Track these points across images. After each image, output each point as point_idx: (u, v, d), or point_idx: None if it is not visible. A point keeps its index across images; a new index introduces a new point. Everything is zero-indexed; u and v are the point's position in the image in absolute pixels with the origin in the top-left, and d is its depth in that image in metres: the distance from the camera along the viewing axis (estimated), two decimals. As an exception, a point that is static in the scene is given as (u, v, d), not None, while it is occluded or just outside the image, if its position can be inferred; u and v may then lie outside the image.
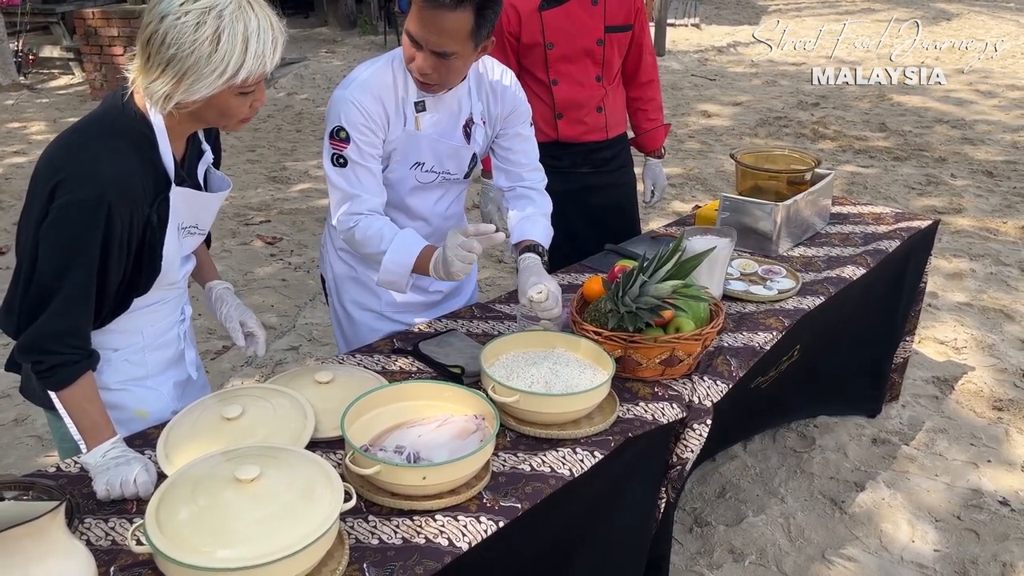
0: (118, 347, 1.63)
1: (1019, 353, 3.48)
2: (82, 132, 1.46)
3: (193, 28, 1.32)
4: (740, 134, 6.94)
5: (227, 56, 1.34)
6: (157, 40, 1.34)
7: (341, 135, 1.85)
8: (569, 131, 2.68)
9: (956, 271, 4.28)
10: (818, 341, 2.46)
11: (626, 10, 2.62)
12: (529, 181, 2.14)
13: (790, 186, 2.59)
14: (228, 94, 1.40)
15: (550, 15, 2.55)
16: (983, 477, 2.71)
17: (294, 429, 1.55)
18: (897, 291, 2.78)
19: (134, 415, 1.66)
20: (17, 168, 6.26)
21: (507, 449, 1.60)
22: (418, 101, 1.91)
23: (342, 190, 1.89)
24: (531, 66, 2.62)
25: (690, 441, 1.82)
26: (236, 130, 1.56)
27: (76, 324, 1.45)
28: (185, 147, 1.57)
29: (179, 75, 1.35)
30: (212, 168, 1.66)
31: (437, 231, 2.13)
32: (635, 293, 1.75)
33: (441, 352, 1.91)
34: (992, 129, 6.98)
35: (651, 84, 2.81)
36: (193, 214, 1.60)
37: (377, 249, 1.86)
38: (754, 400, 2.34)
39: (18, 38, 9.31)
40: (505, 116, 2.04)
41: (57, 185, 1.39)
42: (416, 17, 1.73)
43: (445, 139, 1.97)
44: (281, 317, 3.89)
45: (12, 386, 3.33)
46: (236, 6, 1.35)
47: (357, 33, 12.05)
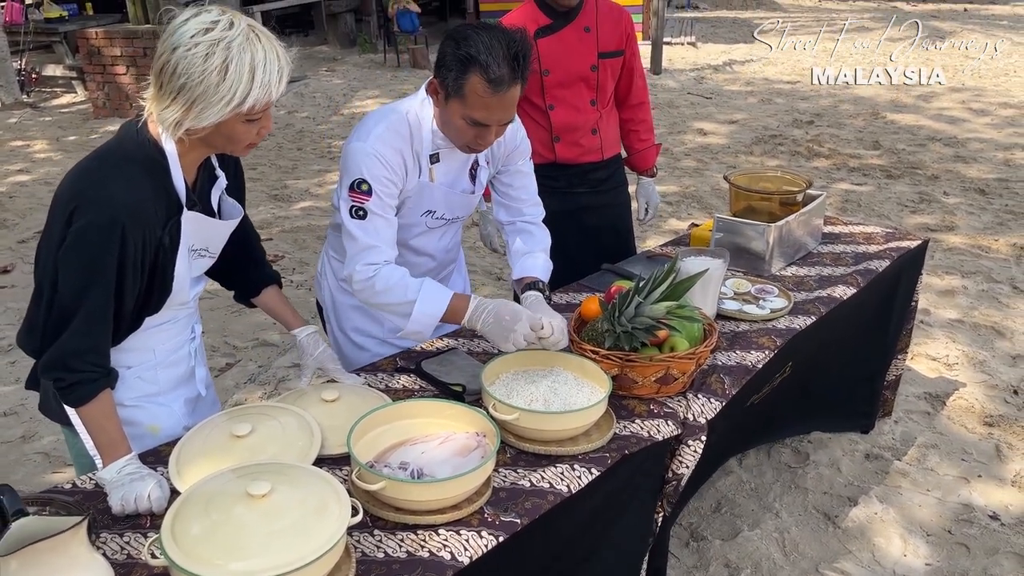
0: (131, 364, 1.69)
1: (1010, 369, 3.54)
2: (99, 159, 1.52)
3: (203, 59, 1.39)
4: (736, 152, 7.02)
5: (234, 85, 1.41)
6: (169, 70, 1.41)
7: (363, 187, 1.84)
8: (566, 153, 2.76)
9: (948, 288, 4.34)
10: (811, 358, 2.52)
11: (618, 36, 2.71)
12: (529, 216, 2.20)
13: (783, 207, 2.66)
14: (235, 121, 1.47)
15: (545, 43, 2.64)
16: (974, 492, 2.76)
17: (302, 446, 1.60)
18: (889, 309, 2.84)
19: (147, 431, 1.72)
20: (20, 186, 6.33)
21: (507, 465, 1.65)
22: (433, 153, 1.94)
23: (361, 241, 1.87)
24: (528, 92, 2.69)
25: (685, 457, 1.88)
26: (243, 155, 1.63)
27: (95, 343, 1.51)
28: (197, 173, 1.63)
29: (189, 103, 1.42)
30: (226, 195, 1.72)
31: (440, 264, 2.21)
32: (631, 314, 1.81)
33: (443, 371, 1.97)
34: (984, 147, 7.07)
35: (642, 106, 2.90)
36: (203, 238, 1.66)
37: (403, 299, 1.85)
38: (748, 417, 2.39)
39: (21, 57, 9.41)
40: (507, 154, 2.10)
41: (74, 210, 1.45)
42: (479, 105, 1.75)
43: (456, 188, 2.03)
44: (283, 334, 3.94)
45: (20, 403, 3.38)
46: (244, 38, 1.42)
47: (357, 52, 12.17)
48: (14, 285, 4.57)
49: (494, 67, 1.70)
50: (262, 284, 1.93)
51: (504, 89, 1.73)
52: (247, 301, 1.96)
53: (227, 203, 1.73)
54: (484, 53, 1.70)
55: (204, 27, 1.40)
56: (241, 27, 1.42)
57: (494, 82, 1.72)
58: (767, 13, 16.67)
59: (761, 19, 14.08)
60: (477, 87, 1.73)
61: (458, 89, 1.75)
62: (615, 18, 2.72)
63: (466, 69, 1.72)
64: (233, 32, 1.41)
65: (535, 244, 2.17)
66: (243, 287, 1.94)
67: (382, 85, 10.08)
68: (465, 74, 1.73)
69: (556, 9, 2.64)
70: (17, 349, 3.82)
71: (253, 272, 1.92)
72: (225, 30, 1.40)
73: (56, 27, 9.77)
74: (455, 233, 2.22)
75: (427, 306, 1.84)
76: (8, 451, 3.07)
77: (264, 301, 1.94)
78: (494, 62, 1.70)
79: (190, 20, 1.42)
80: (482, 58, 1.70)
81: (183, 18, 1.43)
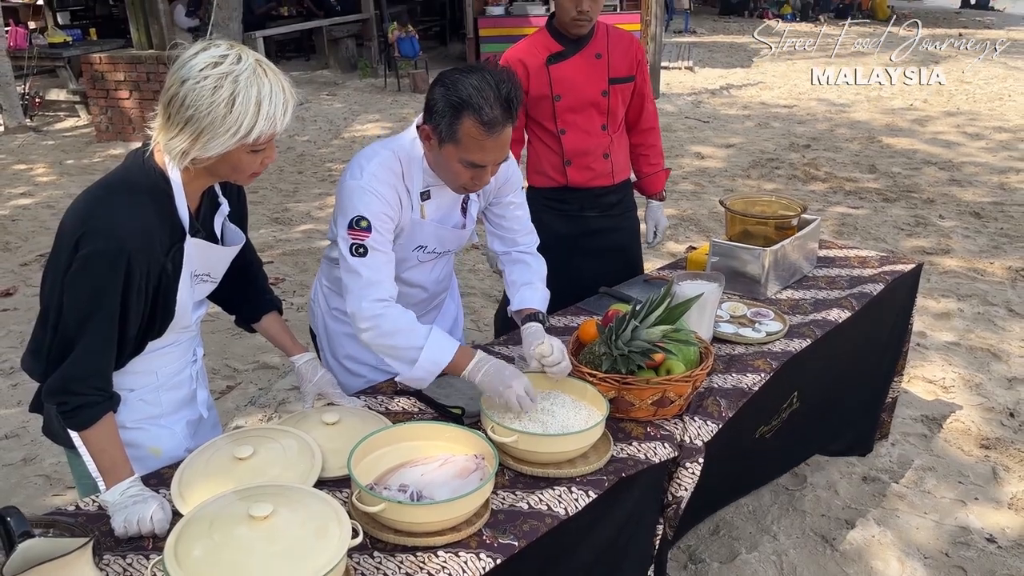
0: (134, 387, 1.72)
1: (1006, 392, 3.56)
2: (106, 188, 1.56)
3: (211, 92, 1.43)
4: (733, 175, 7.08)
5: (241, 117, 1.45)
6: (177, 101, 1.46)
7: (362, 224, 1.84)
8: (577, 177, 2.81)
9: (944, 311, 4.37)
10: (815, 386, 2.55)
11: (628, 62, 2.76)
12: (523, 245, 2.22)
13: (778, 231, 2.69)
14: (241, 151, 1.51)
15: (557, 69, 2.69)
16: (971, 514, 2.78)
17: (303, 468, 1.62)
18: (887, 332, 2.87)
19: (149, 452, 1.74)
20: (23, 210, 6.37)
21: (506, 487, 1.67)
22: (423, 191, 1.97)
23: (365, 277, 1.85)
24: (539, 117, 2.76)
25: (683, 479, 1.90)
26: (246, 183, 1.67)
27: (99, 367, 1.53)
28: (200, 200, 1.67)
29: (196, 133, 1.46)
30: (228, 222, 1.75)
31: (431, 296, 2.23)
32: (627, 337, 1.84)
33: (442, 393, 1.99)
34: (979, 171, 7.13)
35: (652, 131, 2.95)
36: (206, 263, 1.69)
37: (411, 344, 1.82)
38: (760, 450, 2.41)
39: (25, 81, 9.49)
40: (498, 187, 2.12)
41: (81, 237, 1.49)
42: (475, 147, 1.77)
43: (447, 223, 2.05)
44: (283, 357, 3.95)
45: (21, 426, 3.40)
46: (251, 72, 1.46)
47: (358, 76, 12.28)
48: (16, 308, 4.59)
49: (487, 109, 1.73)
50: (263, 310, 1.96)
51: (498, 130, 1.76)
52: (248, 326, 1.99)
53: (229, 229, 1.76)
54: (476, 96, 1.72)
55: (213, 61, 1.45)
56: (248, 61, 1.46)
57: (488, 124, 1.74)
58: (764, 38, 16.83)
59: (757, 44, 14.22)
60: (472, 130, 1.75)
61: (452, 134, 1.77)
62: (626, 45, 2.77)
63: (459, 114, 1.74)
64: (241, 66, 1.45)
65: (532, 275, 2.18)
66: (244, 312, 1.97)
67: (383, 109, 10.17)
68: (458, 119, 1.75)
69: (568, 36, 2.70)
70: (19, 372, 3.85)
71: (255, 298, 1.95)
72: (233, 64, 1.45)
73: (60, 52, 9.88)
74: (447, 263, 2.25)
75: (434, 354, 1.82)
76: (9, 474, 3.08)
77: (264, 327, 1.97)
78: (486, 104, 1.72)
79: (199, 54, 1.46)
80: (475, 101, 1.72)
81: (192, 51, 1.47)
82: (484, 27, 12.96)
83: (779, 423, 2.41)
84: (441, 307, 2.36)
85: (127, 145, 8.39)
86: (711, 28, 18.38)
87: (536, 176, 2.90)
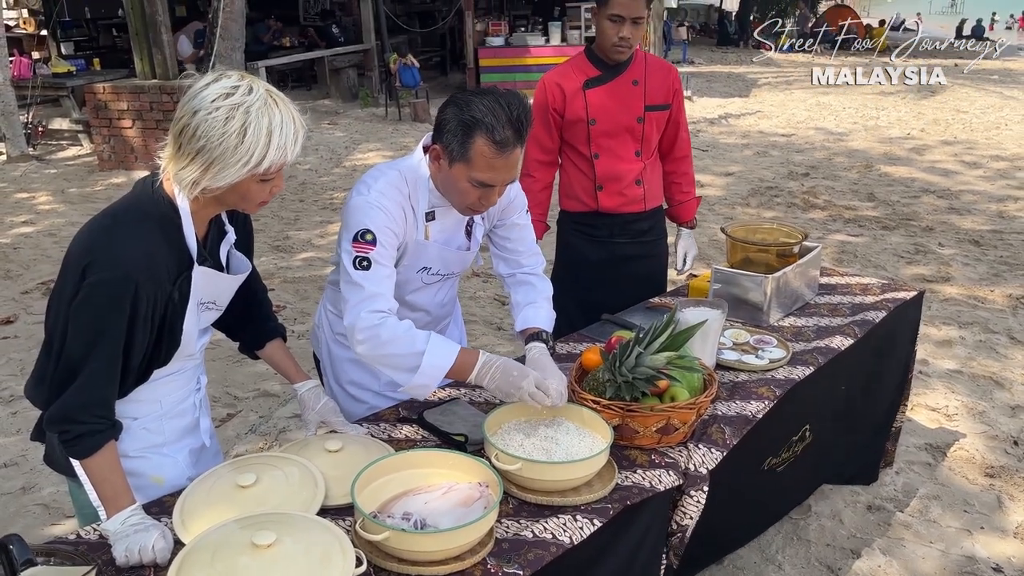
0: (137, 416, 1.71)
1: (1010, 420, 3.54)
2: (113, 216, 1.56)
3: (222, 122, 1.44)
4: (733, 204, 7.11)
5: (252, 148, 1.46)
6: (188, 132, 1.46)
7: (367, 238, 1.85)
8: (609, 202, 2.83)
9: (945, 339, 4.37)
10: (825, 416, 2.54)
11: (665, 90, 2.79)
12: (528, 267, 2.23)
13: (779, 258, 2.70)
14: (250, 181, 1.52)
15: (593, 93, 2.72)
16: (976, 543, 2.75)
17: (306, 496, 1.61)
18: (893, 361, 2.86)
19: (151, 481, 1.73)
20: (25, 238, 6.39)
21: (510, 516, 1.66)
22: (428, 212, 1.98)
23: (366, 289, 1.84)
24: (574, 140, 2.79)
25: (688, 508, 1.88)
26: (254, 212, 1.68)
27: (102, 396, 1.53)
28: (208, 228, 1.67)
29: (207, 164, 1.47)
30: (234, 250, 1.76)
31: (435, 320, 2.23)
32: (631, 364, 1.84)
33: (445, 421, 1.98)
34: (978, 199, 7.17)
35: (685, 159, 2.98)
36: (212, 291, 1.69)
37: (411, 350, 1.80)
38: (770, 483, 2.39)
39: (28, 110, 9.56)
40: (502, 210, 2.14)
41: (88, 265, 1.49)
42: (485, 167, 1.80)
43: (451, 245, 2.07)
44: (284, 385, 3.95)
45: (20, 454, 3.37)
46: (262, 103, 1.47)
47: (359, 105, 12.38)
48: (17, 336, 4.58)
49: (499, 129, 1.76)
50: (267, 337, 1.96)
51: (509, 150, 1.79)
52: (251, 353, 1.99)
53: (235, 257, 1.77)
54: (488, 116, 1.76)
55: (225, 92, 1.45)
56: (259, 92, 1.47)
57: (499, 144, 1.77)
58: (761, 68, 17.01)
59: (756, 74, 14.36)
60: (483, 150, 1.78)
61: (463, 153, 1.80)
62: (663, 73, 2.80)
63: (471, 133, 1.78)
64: (252, 97, 1.46)
65: (536, 295, 2.19)
66: (248, 339, 1.97)
67: (383, 138, 10.24)
68: (470, 138, 1.78)
69: (606, 62, 2.73)
70: (19, 400, 3.83)
71: (259, 325, 1.95)
72: (245, 95, 1.46)
73: (64, 82, 9.96)
74: (450, 287, 2.25)
75: (436, 358, 1.79)
76: (8, 503, 3.05)
77: (268, 354, 1.97)
78: (498, 124, 1.76)
79: (211, 85, 1.47)
80: (487, 121, 1.76)
81: (204, 83, 1.48)
82: (484, 57, 13.11)
83: (791, 456, 2.40)
84: (445, 333, 2.36)
85: (129, 174, 8.43)
86: (708, 58, 18.58)
87: (568, 200, 2.92)
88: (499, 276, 2.29)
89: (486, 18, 14.18)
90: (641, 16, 2.60)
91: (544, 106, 2.76)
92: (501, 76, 12.62)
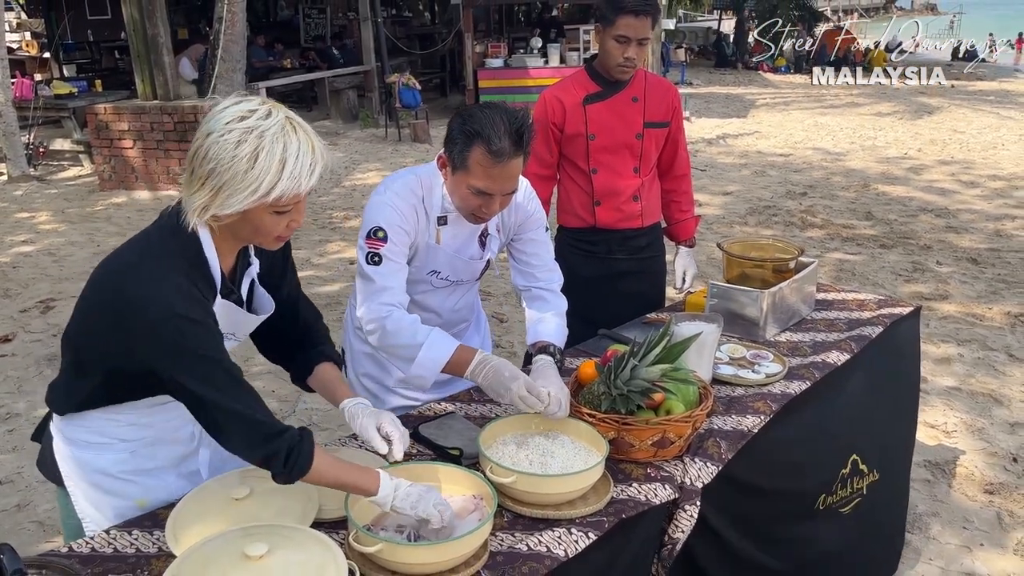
0: (127, 438, 1.66)
1: (1009, 437, 3.54)
2: (139, 254, 1.50)
3: (234, 145, 1.39)
4: (731, 223, 7.13)
5: (262, 174, 1.39)
6: (201, 154, 1.42)
7: (379, 235, 1.97)
8: (606, 218, 2.84)
9: (944, 356, 4.36)
10: (875, 448, 2.48)
11: (664, 108, 2.81)
12: (544, 282, 2.27)
13: (776, 274, 2.70)
14: (262, 211, 1.45)
15: (593, 109, 2.75)
16: (976, 560, 2.74)
17: (299, 509, 1.60)
18: (899, 377, 2.85)
19: (134, 504, 1.68)
20: (24, 257, 6.40)
21: (504, 529, 1.65)
22: (440, 216, 2.06)
23: (377, 283, 1.97)
24: (572, 155, 2.81)
25: (681, 522, 1.87)
26: (272, 247, 1.59)
27: (262, 410, 1.48)
28: (236, 260, 1.63)
29: (216, 188, 1.41)
30: (259, 286, 1.70)
31: (447, 323, 2.25)
32: (627, 376, 1.83)
33: (440, 434, 1.98)
34: (975, 218, 7.19)
35: (684, 178, 2.99)
36: (232, 325, 1.64)
37: (411, 341, 1.92)
38: (829, 525, 2.34)
39: (30, 131, 9.61)
40: (519, 224, 2.19)
41: (129, 313, 1.42)
42: (482, 175, 1.87)
43: (462, 253, 2.13)
44: (282, 402, 3.94)
45: (16, 471, 3.36)
46: (279, 128, 1.41)
47: (359, 126, 12.45)
48: (14, 354, 4.58)
49: (495, 139, 1.83)
50: (314, 363, 1.82)
51: (505, 160, 1.85)
52: (304, 385, 1.86)
53: (259, 293, 1.71)
54: (487, 127, 1.83)
55: (240, 115, 1.41)
56: (278, 118, 1.42)
57: (495, 153, 1.83)
58: (759, 89, 17.12)
59: (754, 95, 14.45)
60: (480, 158, 1.85)
61: (463, 161, 1.88)
62: (663, 91, 2.82)
63: (470, 142, 1.86)
64: (269, 122, 1.41)
65: (549, 309, 2.24)
66: (298, 369, 1.85)
67: (383, 158, 10.28)
68: (469, 147, 1.86)
69: (607, 79, 2.75)
70: (14, 417, 3.83)
71: (307, 353, 1.84)
72: (261, 119, 1.41)
73: (65, 103, 10.03)
74: (464, 294, 2.29)
75: (433, 351, 1.91)
76: (3, 520, 3.04)
77: (317, 381, 1.83)
78: (495, 135, 1.83)
79: (229, 107, 1.43)
80: (485, 131, 1.83)
81: (223, 105, 1.44)
82: (483, 79, 13.19)
83: (852, 494, 2.37)
84: (462, 336, 2.38)
85: (130, 194, 8.47)
86: (707, 80, 18.70)
87: (566, 216, 2.94)
88: (516, 288, 2.34)
89: (485, 40, 14.29)
90: (647, 37, 2.63)
91: (544, 120, 2.79)
92: (500, 97, 12.66)
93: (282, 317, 1.77)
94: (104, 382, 1.57)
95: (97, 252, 6.48)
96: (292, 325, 1.81)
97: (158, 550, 1.56)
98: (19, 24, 16.71)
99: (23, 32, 16.29)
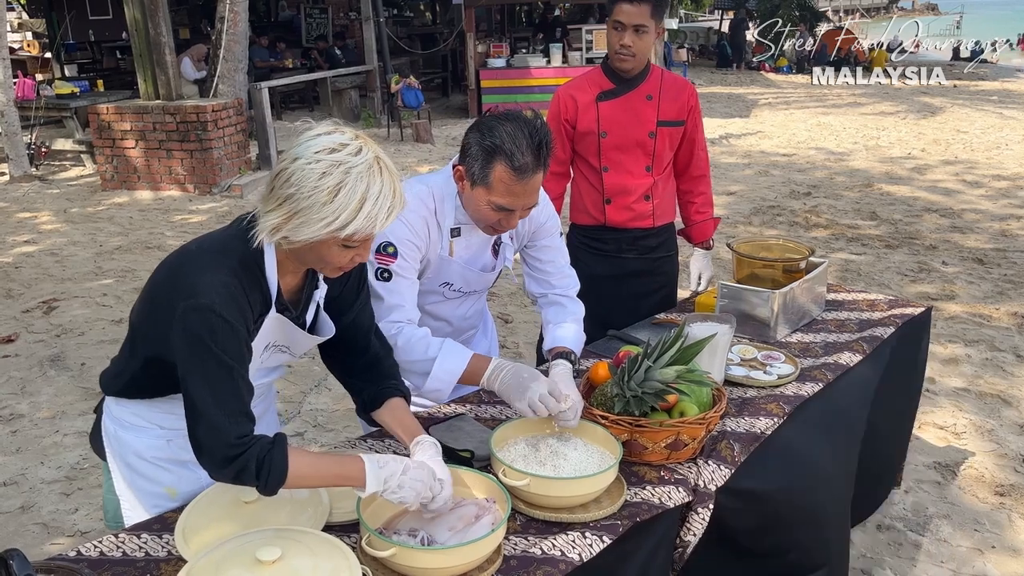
0: (164, 425, 1.70)
1: (1018, 438, 3.51)
2: (203, 246, 1.54)
3: (318, 176, 1.38)
4: (735, 223, 7.11)
5: (340, 209, 1.39)
6: (284, 177, 1.41)
7: (389, 250, 1.92)
8: (616, 217, 2.82)
9: (952, 357, 4.34)
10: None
11: (679, 107, 2.78)
12: (560, 288, 2.24)
13: (786, 274, 2.68)
14: (332, 243, 1.44)
15: (606, 106, 2.73)
16: (988, 563, 2.71)
17: (311, 513, 1.58)
18: (908, 379, 2.84)
19: (163, 491, 1.71)
20: (26, 257, 6.38)
21: (518, 532, 1.63)
22: (454, 228, 2.02)
23: (386, 301, 1.93)
24: (584, 152, 2.79)
25: (693, 525, 1.85)
26: (332, 275, 1.59)
27: (231, 413, 1.45)
28: (303, 280, 1.63)
29: (292, 213, 1.40)
30: (322, 311, 1.69)
31: (457, 331, 2.24)
32: (640, 378, 1.81)
33: (451, 437, 1.96)
34: (980, 218, 7.16)
35: (702, 179, 2.96)
36: (285, 338, 1.64)
37: (424, 356, 1.90)
38: None
39: (32, 131, 9.59)
40: (533, 231, 2.16)
41: (174, 292, 1.45)
42: (504, 191, 1.82)
43: (475, 265, 2.09)
44: (287, 403, 3.92)
45: (20, 473, 3.34)
46: (365, 167, 1.40)
47: (361, 126, 12.42)
48: (17, 354, 4.56)
49: (519, 155, 1.78)
50: (383, 397, 1.77)
51: (528, 176, 1.81)
52: (369, 418, 1.81)
53: (321, 315, 1.69)
54: (509, 142, 1.78)
55: (332, 147, 1.40)
56: (367, 156, 1.41)
57: (519, 170, 1.79)
58: (761, 89, 17.10)
59: (756, 95, 14.43)
60: (503, 175, 1.80)
61: (484, 177, 1.83)
62: (679, 90, 2.80)
63: (491, 158, 1.80)
64: (358, 159, 1.40)
65: (566, 315, 2.21)
66: (365, 401, 1.80)
67: (385, 158, 10.25)
68: (491, 163, 1.81)
69: (621, 75, 2.73)
70: (18, 418, 3.81)
71: (376, 385, 1.78)
72: (351, 155, 1.40)
73: (67, 103, 10.00)
74: (475, 303, 2.27)
75: (447, 363, 1.89)
76: (7, 521, 3.02)
77: (384, 416, 1.76)
78: (518, 151, 1.78)
79: (321, 136, 1.42)
80: (507, 147, 1.78)
81: (316, 132, 1.43)
82: (486, 79, 13.16)
83: None
84: (471, 342, 2.36)
85: (132, 194, 8.44)
86: (709, 80, 18.67)
87: (577, 213, 2.92)
88: (530, 296, 2.30)
89: (487, 40, 14.27)
90: (643, 25, 2.60)
91: (557, 117, 2.78)
92: (502, 97, 12.67)
93: (349, 344, 1.75)
94: (143, 368, 1.61)
95: (99, 252, 6.46)
96: (361, 354, 1.78)
97: (167, 553, 1.54)
98: (21, 24, 16.70)
99: (24, 32, 16.29)
